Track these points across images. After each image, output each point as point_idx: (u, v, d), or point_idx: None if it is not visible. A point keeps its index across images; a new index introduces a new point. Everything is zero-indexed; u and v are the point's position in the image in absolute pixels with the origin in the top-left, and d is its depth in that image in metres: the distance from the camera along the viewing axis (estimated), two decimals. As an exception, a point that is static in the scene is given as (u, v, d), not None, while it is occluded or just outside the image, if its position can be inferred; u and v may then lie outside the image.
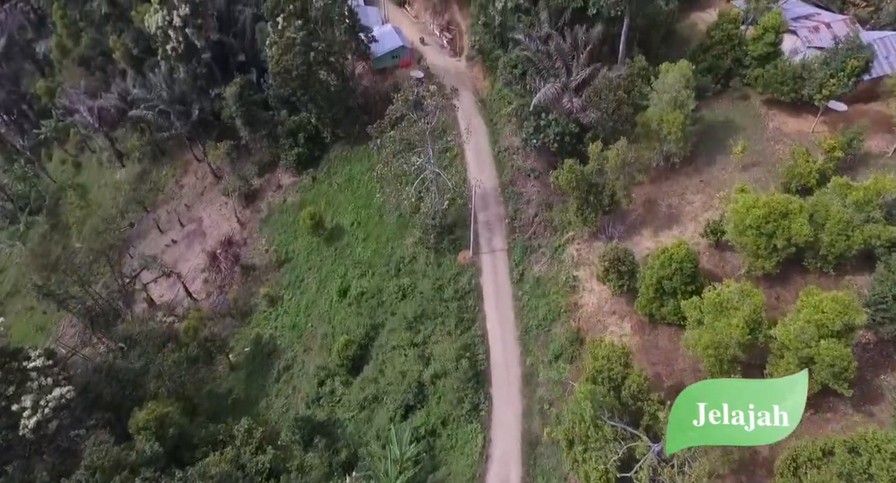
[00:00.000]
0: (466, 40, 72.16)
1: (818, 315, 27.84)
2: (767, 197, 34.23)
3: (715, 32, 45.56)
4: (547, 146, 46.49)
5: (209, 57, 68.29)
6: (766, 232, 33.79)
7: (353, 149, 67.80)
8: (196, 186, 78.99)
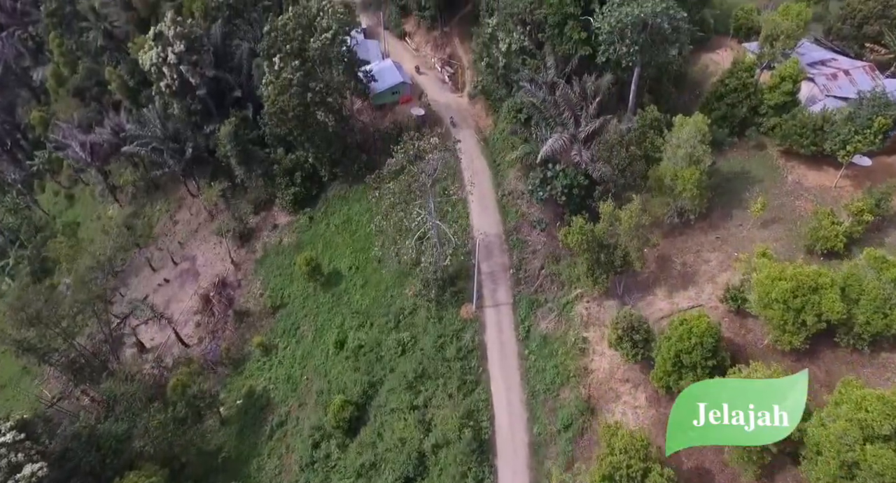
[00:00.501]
0: (468, 75, 70.18)
1: (861, 414, 25.05)
2: (794, 268, 31.63)
3: (729, 80, 43.33)
4: (554, 198, 44.03)
5: (204, 93, 66.14)
6: (793, 307, 31.14)
7: (352, 188, 65.41)
8: (190, 223, 76.50)
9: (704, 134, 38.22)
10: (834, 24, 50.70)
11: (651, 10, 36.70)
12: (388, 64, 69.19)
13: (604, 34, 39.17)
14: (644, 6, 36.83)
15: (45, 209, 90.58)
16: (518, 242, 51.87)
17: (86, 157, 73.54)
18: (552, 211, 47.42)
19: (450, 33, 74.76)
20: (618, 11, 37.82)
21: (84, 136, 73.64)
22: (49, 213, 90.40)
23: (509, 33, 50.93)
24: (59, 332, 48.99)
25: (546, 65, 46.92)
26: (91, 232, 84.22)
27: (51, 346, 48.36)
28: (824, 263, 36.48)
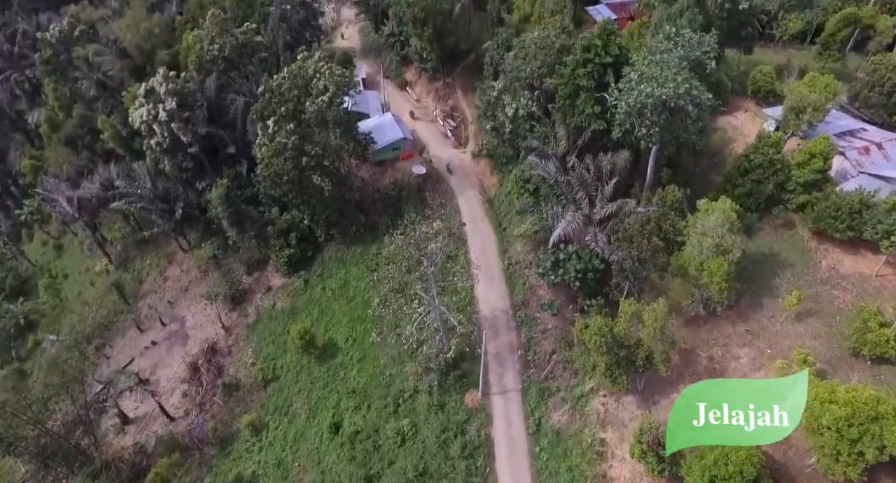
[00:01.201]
0: (472, 130, 67.14)
1: None
2: (848, 391, 27.66)
3: (754, 156, 39.95)
4: (567, 283, 40.24)
5: (196, 150, 62.96)
6: (849, 436, 27.10)
7: (350, 249, 61.76)
8: (181, 280, 72.58)
9: (733, 222, 34.61)
10: (861, 90, 47.67)
11: (673, 91, 33.50)
12: (388, 118, 66.18)
13: (621, 114, 35.94)
14: (665, 87, 33.64)
15: (32, 260, 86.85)
16: (526, 319, 47.89)
17: (73, 213, 70.04)
18: (564, 293, 43.58)
19: (452, 85, 72.03)
20: (636, 91, 34.62)
21: (72, 190, 70.24)
22: (36, 263, 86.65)
23: (516, 98, 47.89)
24: (27, 420, 44.77)
25: (556, 135, 43.64)
26: (79, 284, 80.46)
27: (18, 434, 44.11)
28: (873, 369, 32.58)
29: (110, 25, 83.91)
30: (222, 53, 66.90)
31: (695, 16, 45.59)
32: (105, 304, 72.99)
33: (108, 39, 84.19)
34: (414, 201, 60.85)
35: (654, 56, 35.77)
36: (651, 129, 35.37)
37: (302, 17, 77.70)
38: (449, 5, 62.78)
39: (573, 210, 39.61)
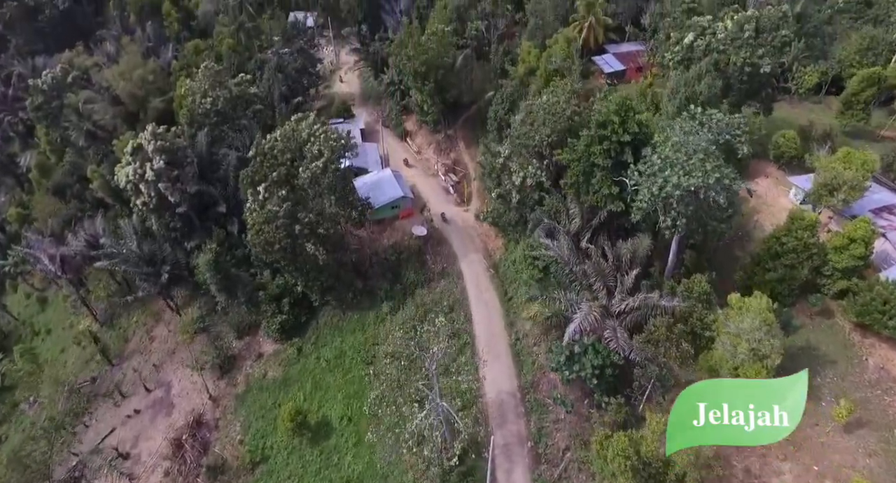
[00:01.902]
0: (475, 186, 63.65)
1: None
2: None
3: (787, 239, 36.22)
4: (584, 380, 36.08)
5: (185, 209, 59.37)
6: None
7: (346, 315, 57.66)
8: (168, 341, 68.19)
9: (771, 324, 30.62)
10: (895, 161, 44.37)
11: (702, 180, 29.93)
12: (387, 174, 62.74)
13: (643, 202, 32.33)
14: (693, 175, 30.05)
15: (14, 313, 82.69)
16: (537, 405, 43.51)
17: (55, 271, 66.14)
18: (579, 386, 39.34)
19: (454, 137, 68.87)
20: (661, 178, 31.05)
21: (55, 247, 66.43)
22: (19, 317, 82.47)
23: (523, 166, 44.38)
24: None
25: (568, 211, 39.95)
26: (62, 341, 76.17)
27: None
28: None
29: (103, 72, 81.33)
30: (215, 107, 63.89)
31: (713, 81, 42.40)
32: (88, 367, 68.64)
33: (101, 86, 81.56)
34: (414, 265, 56.99)
35: (678, 137, 32.28)
36: (677, 220, 31.70)
37: (299, 66, 75.14)
38: (451, 59, 59.87)
39: (588, 298, 35.67)
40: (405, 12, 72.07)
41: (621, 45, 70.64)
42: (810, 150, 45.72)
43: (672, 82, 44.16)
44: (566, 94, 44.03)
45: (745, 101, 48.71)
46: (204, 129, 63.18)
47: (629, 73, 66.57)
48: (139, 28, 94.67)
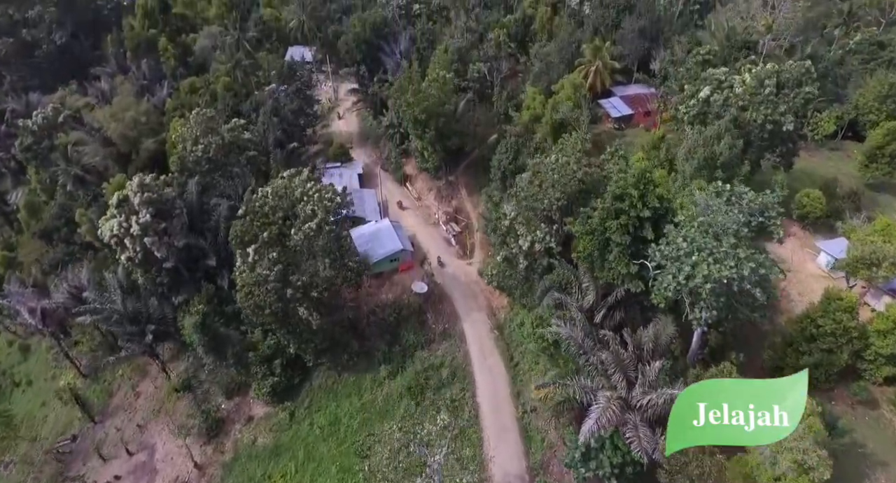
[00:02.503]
0: (477, 238, 60.52)
1: None
2: None
3: (824, 322, 32.86)
4: (601, 479, 32.36)
5: (173, 264, 56.13)
6: None
7: (341, 377, 54.00)
8: (153, 398, 64.32)
9: (818, 431, 27.06)
10: (932, 226, 41.28)
11: (735, 272, 26.71)
12: (385, 225, 59.63)
13: (668, 291, 29.08)
14: (726, 265, 26.84)
15: (-5, 363, 78.82)
16: (547, 491, 39.78)
17: (36, 324, 62.67)
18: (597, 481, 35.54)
19: (455, 184, 65.97)
20: (687, 265, 27.86)
21: (37, 299, 63.08)
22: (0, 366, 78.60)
23: (531, 229, 41.24)
24: None
25: (581, 285, 36.66)
26: (43, 393, 72.28)
27: None
28: None
29: (95, 113, 78.91)
30: (206, 154, 61.09)
31: (734, 141, 39.54)
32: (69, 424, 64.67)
33: (92, 127, 79.07)
34: (413, 325, 53.50)
35: (704, 217, 29.20)
36: (707, 313, 28.45)
37: (296, 107, 72.70)
38: (452, 106, 57.25)
39: (606, 386, 32.15)
40: (405, 54, 69.86)
41: (628, 87, 68.23)
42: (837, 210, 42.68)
43: (689, 140, 41.30)
44: (576, 153, 41.11)
45: (764, 154, 45.85)
46: (195, 178, 60.25)
47: (637, 116, 63.99)
48: (135, 65, 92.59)
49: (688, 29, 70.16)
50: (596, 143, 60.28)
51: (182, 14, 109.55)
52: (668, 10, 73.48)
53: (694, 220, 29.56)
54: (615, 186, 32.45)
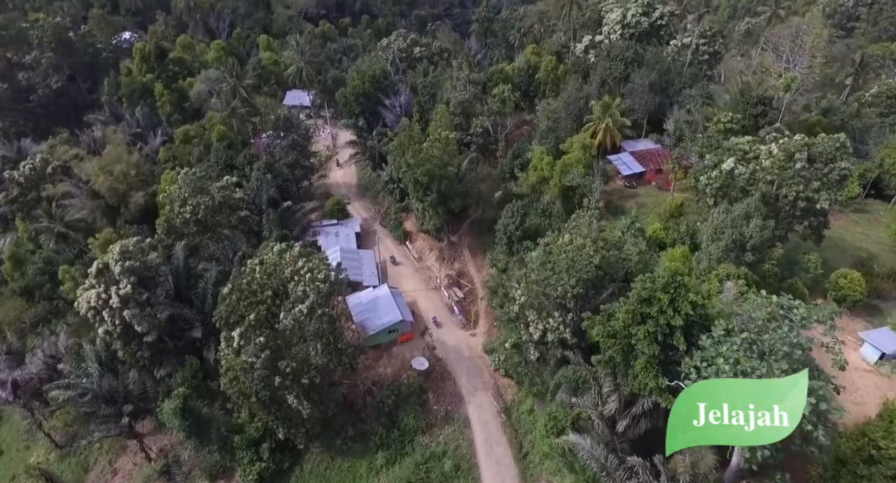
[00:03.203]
0: (482, 306, 56.56)
1: None
2: None
3: (886, 443, 28.62)
4: None
5: (155, 337, 52.02)
6: None
7: (334, 462, 49.38)
8: (132, 476, 59.37)
9: None
10: None
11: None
12: (384, 293, 55.71)
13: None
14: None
15: (-32, 429, 73.74)
16: None
17: (6, 397, 58.13)
18: None
19: (458, 244, 62.37)
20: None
21: (8, 370, 58.66)
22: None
23: (543, 318, 37.35)
24: None
25: (601, 390, 32.59)
26: (14, 466, 67.18)
27: None
28: None
29: (83, 165, 75.92)
30: (195, 216, 57.70)
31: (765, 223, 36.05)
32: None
33: (80, 179, 76.05)
34: (413, 406, 49.10)
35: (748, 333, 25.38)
36: (760, 452, 24.37)
37: (291, 160, 69.72)
38: (455, 167, 54.09)
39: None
40: (405, 107, 67.15)
41: (638, 142, 65.31)
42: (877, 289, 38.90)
43: (714, 218, 37.78)
44: (592, 232, 37.55)
45: (792, 227, 42.31)
46: (182, 242, 56.69)
47: (648, 174, 60.82)
48: (129, 112, 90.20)
49: (698, 80, 67.64)
50: (608, 203, 57.00)
51: (180, 58, 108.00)
52: (676, 61, 71.19)
53: (735, 334, 25.74)
54: (641, 287, 28.72)
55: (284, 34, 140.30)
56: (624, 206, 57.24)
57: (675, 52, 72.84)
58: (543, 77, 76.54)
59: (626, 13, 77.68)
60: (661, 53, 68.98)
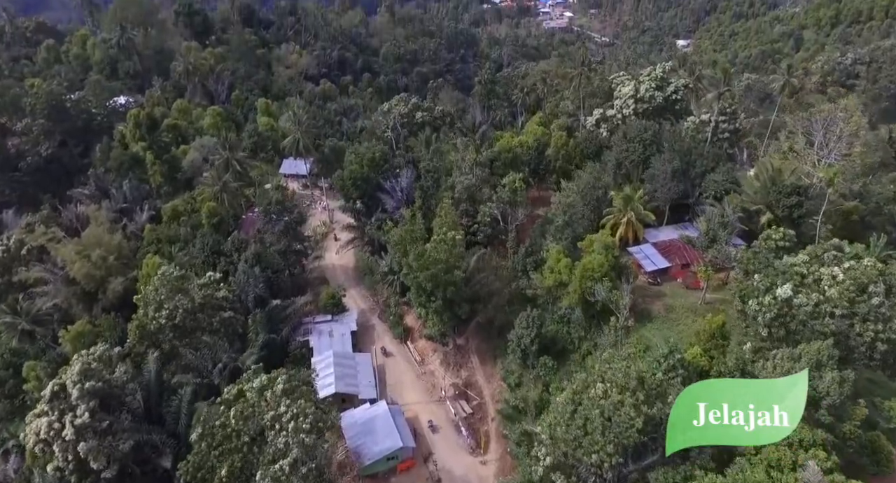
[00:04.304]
0: (493, 427, 49.40)
1: None
2: None
3: None
4: None
5: (116, 471, 44.73)
6: None
7: None
8: None
9: None
10: None
11: None
12: (382, 412, 48.61)
13: None
14: None
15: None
16: None
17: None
18: None
19: (465, 348, 55.73)
20: None
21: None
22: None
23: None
24: None
25: None
26: None
27: None
28: None
29: (59, 248, 70.18)
30: (172, 321, 51.43)
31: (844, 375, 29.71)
32: None
33: (55, 264, 70.24)
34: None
35: None
36: None
37: (283, 247, 64.04)
38: (463, 270, 48.18)
39: None
40: (406, 191, 61.95)
41: (660, 231, 59.69)
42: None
43: (776, 365, 31.37)
44: (630, 381, 31.12)
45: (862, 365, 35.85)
46: (155, 352, 50.21)
47: (674, 272, 54.88)
48: (116, 185, 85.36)
49: (721, 161, 62.70)
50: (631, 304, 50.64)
51: (174, 124, 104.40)
52: (695, 138, 66.53)
53: None
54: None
55: (285, 95, 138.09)
56: (650, 310, 51.04)
57: (693, 128, 68.44)
58: (554, 154, 71.89)
59: (639, 87, 73.77)
60: (679, 133, 64.31)
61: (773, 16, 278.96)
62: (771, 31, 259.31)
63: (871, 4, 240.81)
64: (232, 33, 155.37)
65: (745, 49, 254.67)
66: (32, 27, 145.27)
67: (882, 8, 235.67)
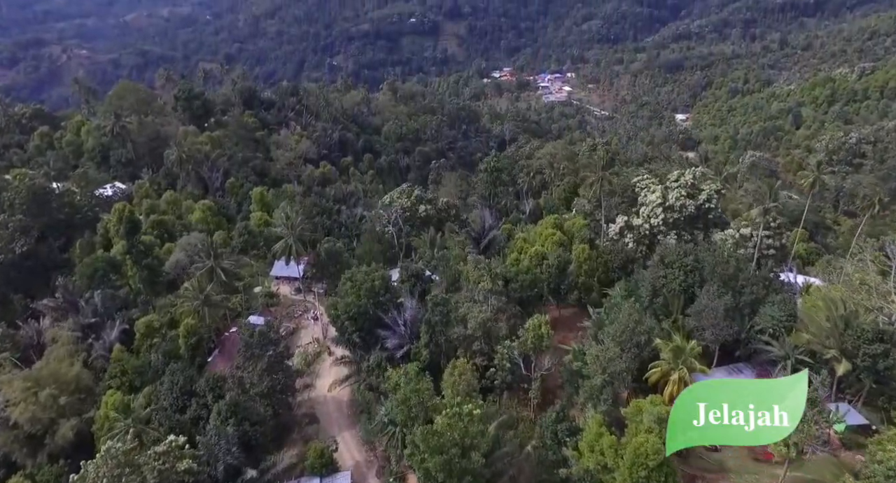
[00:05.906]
0: None
1: None
2: None
3: None
4: None
5: None
6: None
7: None
8: None
9: None
10: None
11: None
12: None
13: None
14: None
15: None
16: None
17: None
18: None
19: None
20: None
21: None
22: None
23: None
24: None
25: None
26: None
27: None
28: None
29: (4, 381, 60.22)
30: None
31: None
32: None
33: None
34: None
35: None
36: None
37: (265, 389, 54.36)
38: (482, 455, 38.23)
39: None
40: (410, 325, 53.05)
41: (710, 375, 50.27)
42: None
43: None
44: None
45: None
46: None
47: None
48: (86, 296, 76.59)
49: (772, 290, 54.34)
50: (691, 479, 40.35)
51: (160, 221, 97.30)
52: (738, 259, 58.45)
53: None
54: None
55: (282, 181, 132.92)
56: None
57: (732, 244, 60.88)
58: (576, 269, 63.79)
59: (668, 194, 66.86)
60: (722, 253, 56.35)
61: (770, 92, 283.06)
62: (769, 107, 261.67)
63: (864, 85, 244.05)
64: (231, 116, 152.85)
65: (744, 124, 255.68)
66: (29, 114, 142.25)
67: (876, 88, 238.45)
